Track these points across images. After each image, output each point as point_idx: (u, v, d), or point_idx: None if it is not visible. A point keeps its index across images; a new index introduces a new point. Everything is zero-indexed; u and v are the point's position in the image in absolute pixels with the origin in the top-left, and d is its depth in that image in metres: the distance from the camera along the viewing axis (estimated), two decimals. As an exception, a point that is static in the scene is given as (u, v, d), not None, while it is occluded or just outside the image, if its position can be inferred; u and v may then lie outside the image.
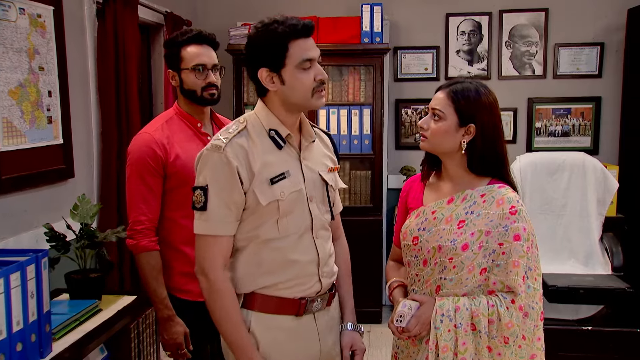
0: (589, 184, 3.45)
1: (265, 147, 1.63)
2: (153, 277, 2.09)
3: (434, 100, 1.74)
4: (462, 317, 1.61)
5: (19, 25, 2.20)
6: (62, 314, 1.91)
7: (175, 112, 2.20)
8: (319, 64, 1.64)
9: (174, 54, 2.16)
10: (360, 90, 4.24)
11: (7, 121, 2.13)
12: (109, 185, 2.90)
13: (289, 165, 1.64)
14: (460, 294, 1.65)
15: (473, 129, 1.68)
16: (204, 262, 1.60)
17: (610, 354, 2.29)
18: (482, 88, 1.71)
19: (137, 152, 2.09)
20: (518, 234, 1.61)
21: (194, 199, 1.61)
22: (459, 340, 1.61)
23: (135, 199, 2.09)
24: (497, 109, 1.72)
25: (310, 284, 1.68)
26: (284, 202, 1.61)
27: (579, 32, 4.33)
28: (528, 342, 1.62)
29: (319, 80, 1.61)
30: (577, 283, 2.65)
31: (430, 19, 4.43)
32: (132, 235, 2.09)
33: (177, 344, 2.13)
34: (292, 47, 1.57)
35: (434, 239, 1.69)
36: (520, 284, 1.60)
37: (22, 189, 2.26)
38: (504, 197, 1.66)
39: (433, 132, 1.70)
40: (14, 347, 1.52)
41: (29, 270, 1.58)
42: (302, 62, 1.58)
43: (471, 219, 1.66)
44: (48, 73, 2.39)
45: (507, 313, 1.59)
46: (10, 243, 2.17)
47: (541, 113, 4.42)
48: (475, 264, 1.64)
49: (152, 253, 2.09)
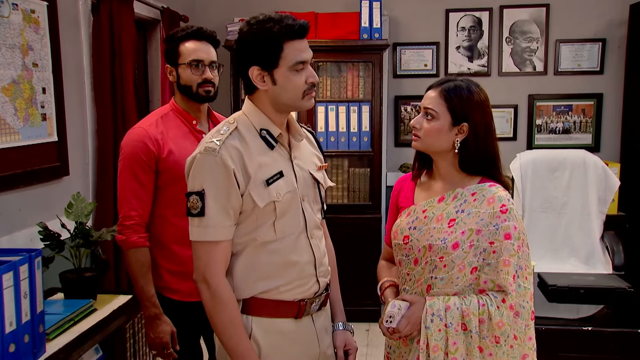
0: (590, 182, 3.43)
1: (257, 147, 1.60)
2: (142, 274, 2.06)
3: (425, 99, 1.72)
4: (452, 316, 1.60)
5: (12, 21, 2.17)
6: (56, 314, 1.89)
7: (171, 109, 2.18)
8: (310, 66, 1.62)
9: (172, 49, 2.14)
10: (359, 87, 4.21)
11: (0, 118, 2.10)
12: (105, 183, 2.87)
13: (281, 165, 1.62)
14: (451, 293, 1.64)
15: (466, 127, 1.67)
16: (206, 270, 1.55)
17: (611, 354, 2.27)
18: (474, 86, 1.70)
19: (129, 146, 2.07)
20: (509, 232, 1.60)
21: (189, 205, 1.55)
22: (450, 340, 1.60)
23: (126, 194, 2.06)
24: (489, 107, 1.71)
25: (309, 285, 1.67)
26: (280, 203, 1.59)
27: (581, 28, 4.30)
28: (520, 341, 1.61)
29: (310, 82, 1.59)
30: (577, 282, 2.62)
31: (430, 14, 4.40)
32: (122, 230, 2.07)
33: (163, 343, 2.10)
34: (287, 47, 1.54)
35: (424, 237, 1.68)
36: (510, 282, 1.59)
37: (15, 187, 2.23)
38: (494, 195, 1.65)
39: (426, 131, 1.69)
40: (6, 348, 1.50)
41: (22, 270, 1.56)
42: (296, 64, 1.55)
43: (462, 217, 1.65)
44: (42, 69, 2.36)
45: (498, 312, 1.58)
46: (4, 242, 2.14)
47: (542, 110, 4.39)
48: (466, 262, 1.62)
49: (141, 249, 2.06)
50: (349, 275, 1.88)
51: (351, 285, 2.23)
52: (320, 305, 1.72)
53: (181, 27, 2.19)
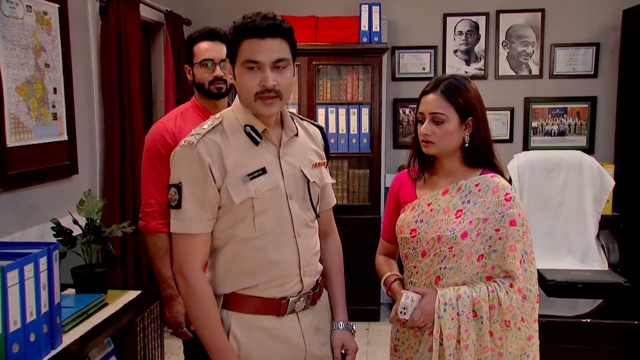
0: (585, 183, 3.49)
1: (240, 143, 1.59)
2: (159, 258, 2.21)
3: (428, 105, 1.74)
4: (464, 304, 1.65)
5: (26, 22, 2.22)
6: (69, 307, 1.93)
7: (191, 105, 2.32)
8: (281, 72, 1.55)
9: (188, 50, 2.29)
10: (358, 90, 4.27)
11: (15, 117, 2.15)
12: (112, 182, 2.92)
13: (265, 161, 1.60)
14: (460, 282, 1.70)
15: (472, 122, 1.73)
16: (183, 263, 1.56)
17: (609, 345, 2.34)
18: (465, 80, 1.76)
19: (150, 139, 2.22)
20: (514, 219, 1.67)
21: (169, 197, 1.58)
22: (462, 327, 1.65)
23: (147, 183, 2.22)
24: (482, 99, 1.78)
25: (292, 284, 1.64)
26: (259, 200, 1.56)
27: (575, 33, 4.38)
28: (526, 324, 1.68)
29: (262, 86, 1.52)
30: (575, 278, 2.69)
31: (428, 18, 4.48)
32: (142, 217, 2.22)
33: (177, 322, 2.25)
34: (244, 44, 1.53)
35: (432, 229, 1.73)
36: (518, 267, 1.65)
37: (28, 184, 2.28)
38: (498, 185, 1.72)
39: (440, 136, 1.72)
40: (27, 337, 1.54)
41: (41, 262, 1.60)
42: (247, 62, 1.52)
43: (468, 207, 1.71)
44: (53, 70, 2.41)
45: (507, 297, 1.64)
46: (17, 238, 2.19)
47: (537, 112, 4.46)
48: (473, 250, 1.69)
49: (159, 235, 2.19)
50: (348, 275, 1.90)
51: (351, 284, 2.26)
52: (306, 303, 1.68)
53: (197, 29, 2.32)
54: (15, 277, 1.49)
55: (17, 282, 1.49)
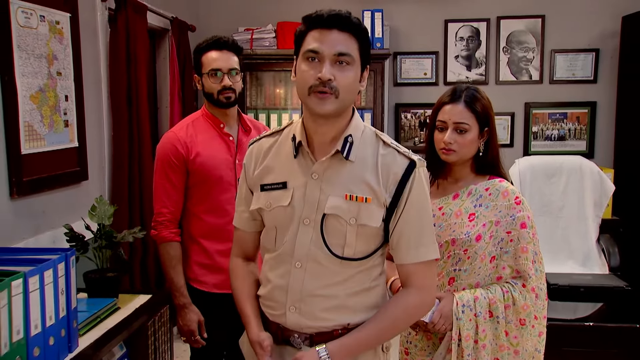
0: (586, 187, 3.53)
1: (286, 152, 1.53)
2: (171, 267, 2.22)
3: (451, 114, 1.79)
4: (481, 305, 1.72)
5: (40, 32, 2.26)
6: (83, 311, 1.96)
7: (202, 114, 2.33)
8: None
9: (197, 60, 2.29)
10: (361, 95, 4.31)
11: (29, 125, 2.19)
12: (121, 188, 2.96)
13: (292, 177, 1.49)
14: (474, 283, 1.77)
15: (487, 132, 1.80)
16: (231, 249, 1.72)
17: (611, 348, 2.38)
18: (482, 92, 1.84)
19: (162, 149, 2.24)
20: (524, 222, 1.74)
21: None
22: (479, 327, 1.72)
23: (159, 192, 2.23)
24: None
25: (278, 312, 1.52)
26: (268, 213, 1.53)
27: (575, 39, 4.43)
28: (539, 321, 1.75)
29: (318, 78, 1.39)
30: (577, 282, 2.74)
31: (429, 25, 4.52)
32: (155, 226, 2.23)
33: (190, 330, 2.25)
34: (308, 36, 1.44)
35: (446, 233, 1.79)
36: (530, 267, 1.73)
37: (41, 190, 2.31)
38: (507, 189, 1.79)
39: (462, 144, 1.79)
40: (47, 340, 1.58)
41: (59, 268, 1.64)
42: (307, 52, 1.43)
43: (480, 211, 1.78)
44: (65, 78, 2.45)
45: (521, 296, 1.71)
46: (30, 243, 2.23)
47: (538, 117, 4.51)
48: (487, 253, 1.75)
49: (171, 244, 2.22)
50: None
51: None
52: (310, 344, 1.49)
53: (205, 39, 2.33)
54: (37, 282, 1.53)
55: (37, 287, 1.53)
